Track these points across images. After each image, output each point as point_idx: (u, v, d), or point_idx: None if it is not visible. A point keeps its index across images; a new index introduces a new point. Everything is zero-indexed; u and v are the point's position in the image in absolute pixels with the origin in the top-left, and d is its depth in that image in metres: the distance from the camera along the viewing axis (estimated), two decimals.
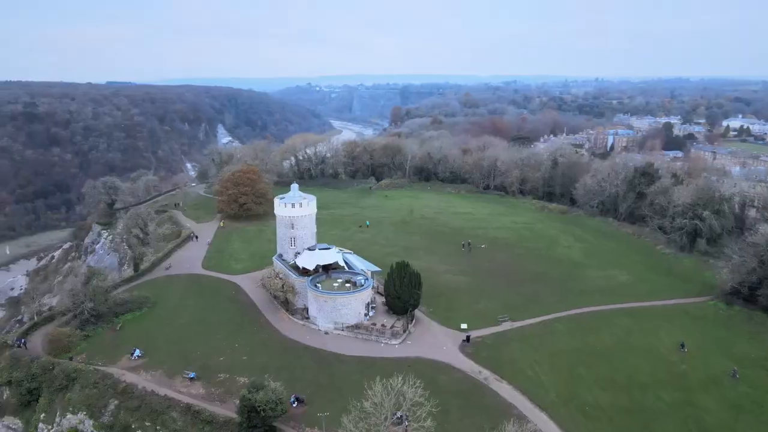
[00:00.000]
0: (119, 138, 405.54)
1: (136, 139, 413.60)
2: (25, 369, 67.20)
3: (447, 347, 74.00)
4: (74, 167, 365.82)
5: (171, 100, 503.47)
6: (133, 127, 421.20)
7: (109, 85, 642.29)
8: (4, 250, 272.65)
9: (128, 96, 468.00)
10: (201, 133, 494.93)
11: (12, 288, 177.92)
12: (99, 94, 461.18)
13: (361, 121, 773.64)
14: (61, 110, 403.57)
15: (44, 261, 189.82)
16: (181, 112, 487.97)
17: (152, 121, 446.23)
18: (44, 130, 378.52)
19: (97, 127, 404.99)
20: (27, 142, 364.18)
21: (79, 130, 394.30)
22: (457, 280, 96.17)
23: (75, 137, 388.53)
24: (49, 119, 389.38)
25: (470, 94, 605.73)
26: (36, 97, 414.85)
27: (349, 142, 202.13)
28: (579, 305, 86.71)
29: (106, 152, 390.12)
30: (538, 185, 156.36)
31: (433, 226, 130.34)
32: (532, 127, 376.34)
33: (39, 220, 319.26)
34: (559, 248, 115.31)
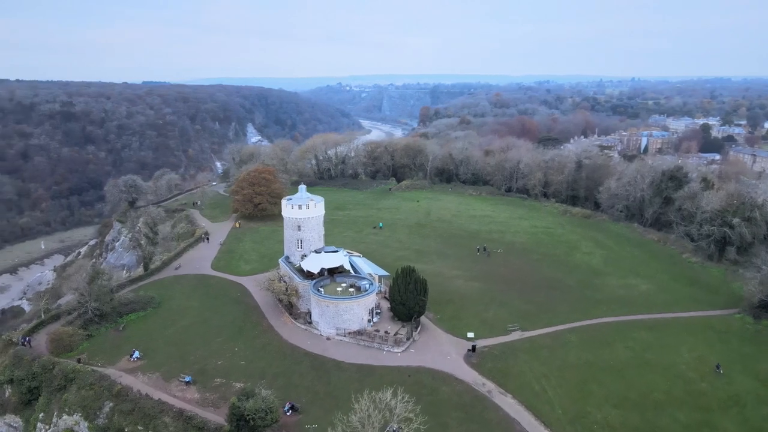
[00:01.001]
0: (151, 136, 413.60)
1: (168, 138, 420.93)
2: (27, 368, 67.52)
3: (451, 357, 71.39)
4: (108, 165, 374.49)
5: (203, 99, 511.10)
6: (164, 126, 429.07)
7: (145, 84, 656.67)
8: (40, 245, 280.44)
9: (161, 95, 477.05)
10: (231, 132, 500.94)
11: (40, 283, 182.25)
12: (133, 94, 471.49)
13: (391, 120, 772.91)
14: (96, 109, 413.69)
15: (71, 257, 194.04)
16: (212, 112, 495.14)
17: (184, 120, 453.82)
18: (80, 128, 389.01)
19: (130, 125, 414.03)
20: (63, 140, 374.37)
21: (113, 128, 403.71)
22: (468, 286, 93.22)
23: (109, 135, 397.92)
24: (85, 118, 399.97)
25: (501, 94, 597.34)
26: (73, 96, 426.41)
27: (369, 142, 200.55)
28: (594, 316, 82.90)
29: (139, 150, 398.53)
30: (562, 188, 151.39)
31: (449, 229, 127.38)
32: (562, 127, 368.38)
33: (73, 216, 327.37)
34: (578, 254, 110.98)
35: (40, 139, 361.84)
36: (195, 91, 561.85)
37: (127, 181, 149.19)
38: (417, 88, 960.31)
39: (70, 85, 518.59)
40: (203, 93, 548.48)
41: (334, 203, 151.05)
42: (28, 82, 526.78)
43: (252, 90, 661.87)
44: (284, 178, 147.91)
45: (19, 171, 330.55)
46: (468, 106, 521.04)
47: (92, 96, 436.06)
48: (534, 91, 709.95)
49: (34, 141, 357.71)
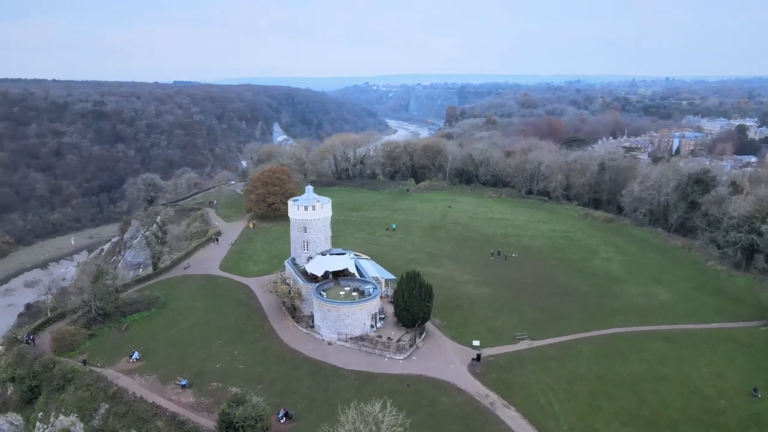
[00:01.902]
0: (179, 135, 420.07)
1: (195, 137, 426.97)
2: (28, 366, 67.82)
3: (455, 365, 68.97)
4: (137, 163, 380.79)
5: (230, 99, 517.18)
6: (192, 125, 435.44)
7: (175, 84, 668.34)
8: (70, 240, 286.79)
9: (190, 95, 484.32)
10: (257, 131, 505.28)
11: (63, 279, 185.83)
12: (163, 93, 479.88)
13: (417, 120, 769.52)
14: (127, 108, 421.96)
15: (94, 253, 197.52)
16: (239, 111, 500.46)
17: (211, 120, 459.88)
18: (111, 127, 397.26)
19: (159, 124, 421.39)
20: (95, 138, 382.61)
21: (143, 127, 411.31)
22: (478, 291, 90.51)
23: (138, 134, 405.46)
24: (115, 117, 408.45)
25: (529, 94, 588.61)
26: (105, 96, 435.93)
27: (388, 143, 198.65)
28: (609, 325, 79.37)
29: (167, 149, 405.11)
30: (584, 191, 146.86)
31: (465, 232, 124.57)
32: (590, 128, 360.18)
33: (102, 213, 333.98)
34: (597, 260, 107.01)
35: (72, 137, 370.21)
36: (223, 90, 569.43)
37: (146, 180, 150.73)
38: (444, 87, 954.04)
39: (103, 84, 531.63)
40: (231, 92, 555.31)
41: (349, 204, 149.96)
42: (64, 82, 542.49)
43: (279, 89, 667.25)
44: (299, 177, 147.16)
45: (51, 168, 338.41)
46: (495, 106, 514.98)
47: (123, 95, 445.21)
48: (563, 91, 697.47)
49: (66, 139, 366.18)
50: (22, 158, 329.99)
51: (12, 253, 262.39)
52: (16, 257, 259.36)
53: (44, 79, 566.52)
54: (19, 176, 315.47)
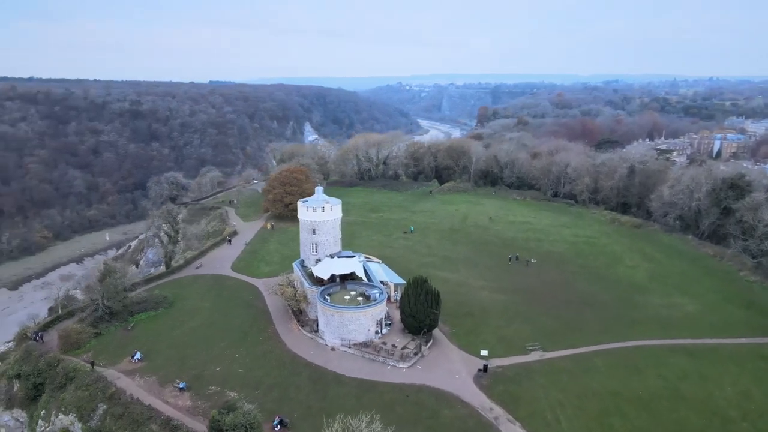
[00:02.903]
0: (211, 134, 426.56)
1: (227, 136, 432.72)
2: (33, 363, 68.45)
3: (460, 376, 66.32)
4: (170, 161, 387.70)
5: (262, 98, 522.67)
6: (224, 124, 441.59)
7: (210, 84, 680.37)
8: (104, 236, 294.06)
9: (223, 95, 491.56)
10: (288, 130, 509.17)
11: None
12: (197, 93, 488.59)
13: (450, 120, 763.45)
14: (162, 108, 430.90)
15: (121, 250, 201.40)
16: (271, 110, 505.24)
17: (243, 119, 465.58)
18: (146, 126, 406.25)
19: (192, 123, 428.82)
20: (131, 136, 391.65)
21: (177, 126, 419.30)
22: (492, 298, 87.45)
23: (172, 133, 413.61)
24: (151, 116, 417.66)
25: (563, 94, 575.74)
26: (142, 95, 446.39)
27: (412, 143, 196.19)
28: (628, 338, 75.27)
29: (199, 147, 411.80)
30: (612, 195, 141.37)
31: (484, 235, 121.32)
32: (626, 129, 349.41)
33: (136, 210, 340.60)
34: (620, 268, 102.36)
35: (109, 136, 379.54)
36: (255, 90, 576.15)
37: (169, 178, 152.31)
38: (478, 87, 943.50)
39: (141, 84, 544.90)
40: (263, 92, 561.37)
41: (369, 205, 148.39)
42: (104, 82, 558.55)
43: (311, 89, 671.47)
44: (318, 178, 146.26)
45: (89, 166, 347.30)
46: (528, 107, 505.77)
47: (159, 95, 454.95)
48: (600, 91, 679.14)
49: (104, 138, 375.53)
50: (61, 156, 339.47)
51: (50, 248, 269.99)
52: (54, 251, 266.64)
53: (86, 79, 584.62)
54: (58, 173, 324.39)
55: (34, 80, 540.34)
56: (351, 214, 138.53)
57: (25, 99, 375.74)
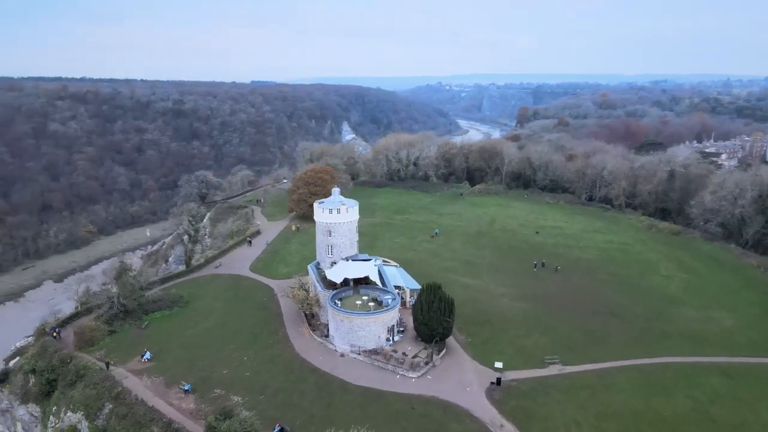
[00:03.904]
0: (250, 133, 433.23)
1: (265, 135, 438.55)
2: (48, 359, 69.23)
3: (472, 389, 63.35)
4: (210, 159, 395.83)
5: (301, 98, 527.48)
6: (263, 123, 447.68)
7: (252, 84, 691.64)
8: (146, 232, 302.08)
9: (263, 94, 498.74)
10: (326, 130, 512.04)
11: None
12: (238, 93, 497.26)
13: (490, 121, 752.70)
14: (203, 107, 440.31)
15: (156, 246, 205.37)
16: (309, 110, 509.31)
17: (281, 118, 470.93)
18: (188, 124, 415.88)
19: (232, 122, 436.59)
20: (173, 135, 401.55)
21: (217, 125, 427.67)
22: (512, 306, 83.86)
23: (213, 132, 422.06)
24: (192, 115, 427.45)
25: (607, 94, 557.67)
26: (184, 95, 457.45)
27: (444, 143, 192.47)
28: (656, 353, 70.64)
29: (238, 146, 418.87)
30: (650, 200, 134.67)
31: (511, 240, 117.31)
32: (672, 131, 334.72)
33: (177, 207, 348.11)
34: (654, 277, 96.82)
35: (153, 134, 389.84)
36: (294, 90, 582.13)
37: (199, 177, 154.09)
38: (519, 87, 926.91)
39: (185, 84, 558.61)
40: (302, 92, 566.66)
41: (395, 206, 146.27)
42: (151, 82, 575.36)
43: (350, 89, 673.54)
44: (344, 178, 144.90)
45: (133, 163, 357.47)
46: (569, 107, 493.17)
47: (201, 95, 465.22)
48: (647, 91, 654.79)
49: (147, 136, 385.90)
50: (107, 153, 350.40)
51: (94, 242, 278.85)
52: (98, 246, 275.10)
53: (134, 79, 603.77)
54: (104, 170, 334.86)
55: (86, 80, 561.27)
56: (376, 215, 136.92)
57: (75, 98, 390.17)
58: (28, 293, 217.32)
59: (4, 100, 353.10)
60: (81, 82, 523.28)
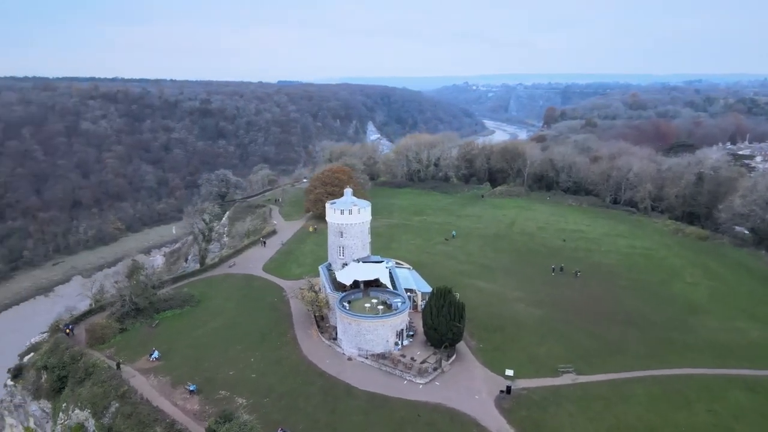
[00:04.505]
0: (275, 133, 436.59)
1: (290, 134, 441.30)
2: (59, 356, 69.83)
3: (480, 396, 61.56)
4: (235, 158, 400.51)
5: (326, 97, 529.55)
6: (288, 123, 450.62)
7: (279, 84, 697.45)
8: (171, 229, 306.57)
9: (288, 94, 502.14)
10: (351, 129, 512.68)
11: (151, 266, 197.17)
12: (264, 92, 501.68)
13: (517, 122, 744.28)
14: (230, 106, 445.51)
15: (178, 244, 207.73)
16: (334, 109, 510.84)
17: (306, 118, 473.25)
18: (214, 124, 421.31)
19: (257, 122, 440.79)
20: (199, 134, 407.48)
21: (243, 124, 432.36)
22: (527, 312, 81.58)
23: (238, 131, 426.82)
24: (219, 114, 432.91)
25: (638, 94, 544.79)
26: (212, 94, 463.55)
27: (465, 144, 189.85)
28: (677, 364, 67.71)
29: (263, 145, 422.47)
30: (677, 203, 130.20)
31: (529, 243, 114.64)
32: (705, 132, 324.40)
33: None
34: (678, 284, 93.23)
35: (180, 133, 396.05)
36: (320, 89, 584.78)
37: (219, 176, 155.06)
38: (547, 87, 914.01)
39: (212, 84, 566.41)
40: (327, 91, 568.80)
41: (413, 207, 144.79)
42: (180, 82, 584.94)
43: (376, 89, 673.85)
44: (362, 178, 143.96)
45: (160, 162, 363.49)
46: (598, 107, 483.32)
47: (227, 94, 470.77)
48: (679, 91, 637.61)
49: (175, 135, 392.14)
50: (136, 152, 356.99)
51: (122, 239, 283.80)
52: (125, 242, 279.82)
53: (163, 79, 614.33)
54: (132, 168, 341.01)
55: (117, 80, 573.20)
56: (394, 216, 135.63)
57: (106, 98, 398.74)
58: (58, 288, 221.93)
59: (39, 99, 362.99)
60: (113, 82, 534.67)
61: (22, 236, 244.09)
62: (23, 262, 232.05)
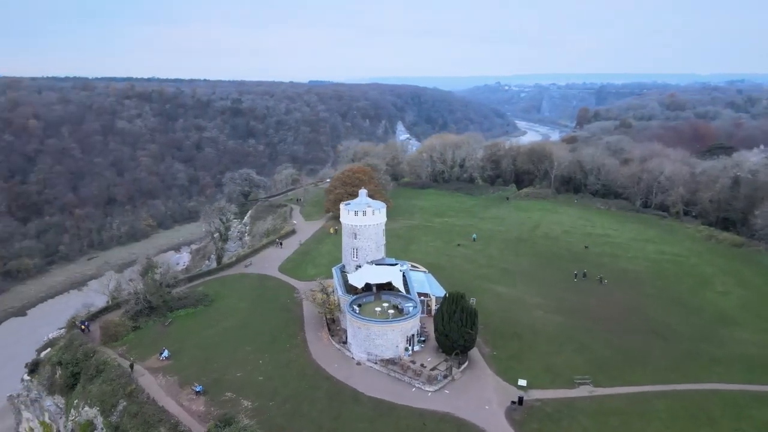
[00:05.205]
0: (304, 132, 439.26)
1: (319, 134, 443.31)
2: (73, 352, 70.61)
3: (491, 407, 59.44)
4: (264, 157, 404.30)
5: (356, 97, 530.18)
6: (317, 122, 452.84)
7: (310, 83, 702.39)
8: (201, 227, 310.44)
9: (318, 94, 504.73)
10: (380, 129, 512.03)
11: (177, 263, 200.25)
12: (294, 92, 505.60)
13: (549, 122, 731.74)
14: (260, 106, 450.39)
15: (205, 241, 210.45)
16: (363, 109, 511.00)
17: (335, 117, 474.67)
18: (244, 123, 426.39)
19: (287, 121, 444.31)
20: (230, 133, 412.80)
21: (273, 124, 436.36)
22: (546, 319, 78.85)
23: (268, 130, 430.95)
24: (249, 114, 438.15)
25: (676, 94, 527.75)
26: (243, 94, 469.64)
27: (491, 144, 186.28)
28: (702, 379, 64.22)
29: (292, 145, 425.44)
30: (711, 208, 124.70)
31: (553, 247, 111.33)
32: (746, 134, 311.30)
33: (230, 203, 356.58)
34: (708, 293, 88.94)
35: (211, 132, 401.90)
36: (350, 89, 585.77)
37: (243, 174, 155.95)
38: (582, 88, 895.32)
39: (244, 84, 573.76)
40: (357, 91, 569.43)
41: (435, 209, 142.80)
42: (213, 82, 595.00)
43: (406, 89, 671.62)
44: (384, 178, 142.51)
45: (192, 160, 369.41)
46: (633, 108, 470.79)
47: (258, 94, 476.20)
48: (721, 91, 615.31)
49: (206, 134, 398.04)
50: (168, 150, 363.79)
51: (153, 235, 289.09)
52: (156, 239, 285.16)
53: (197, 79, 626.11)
54: (164, 166, 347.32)
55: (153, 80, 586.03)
56: (414, 217, 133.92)
57: (141, 97, 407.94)
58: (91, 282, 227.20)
59: (78, 99, 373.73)
60: (149, 81, 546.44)
61: (58, 231, 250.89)
62: (59, 257, 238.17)
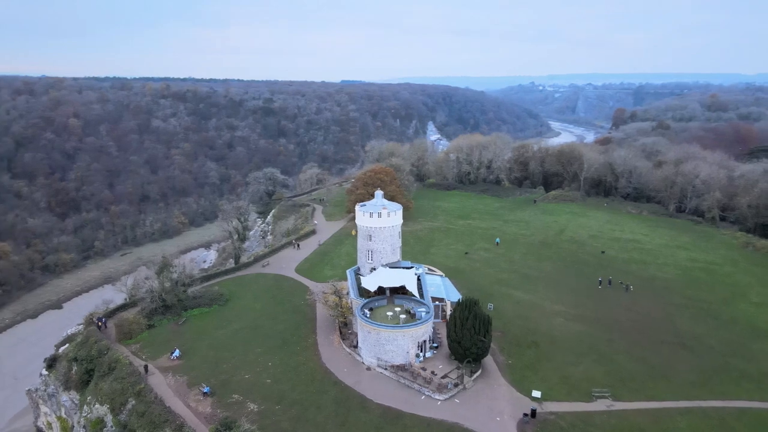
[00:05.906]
0: (335, 132, 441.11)
1: (349, 133, 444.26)
2: (88, 349, 71.33)
3: (502, 419, 57.23)
4: (294, 156, 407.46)
5: (386, 97, 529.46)
6: (347, 122, 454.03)
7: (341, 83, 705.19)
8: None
9: (349, 93, 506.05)
10: (411, 129, 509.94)
11: (204, 261, 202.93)
12: (325, 92, 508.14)
13: (584, 123, 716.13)
14: (291, 105, 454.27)
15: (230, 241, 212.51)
16: (394, 109, 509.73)
17: (365, 117, 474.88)
18: (276, 122, 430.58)
19: (317, 121, 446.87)
20: (262, 132, 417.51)
21: (303, 123, 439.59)
22: (566, 327, 75.91)
23: (299, 130, 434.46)
24: (281, 113, 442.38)
25: (718, 95, 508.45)
26: (275, 94, 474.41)
27: (519, 146, 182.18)
28: (730, 395, 60.57)
29: (322, 144, 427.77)
30: (749, 213, 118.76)
31: (578, 252, 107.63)
32: None
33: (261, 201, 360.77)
34: (742, 304, 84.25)
35: (243, 131, 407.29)
36: (381, 89, 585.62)
37: (267, 174, 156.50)
38: (619, 88, 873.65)
39: (277, 84, 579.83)
40: (388, 91, 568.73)
41: (459, 211, 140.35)
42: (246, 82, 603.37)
43: (437, 89, 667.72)
44: (407, 179, 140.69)
45: (223, 159, 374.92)
46: (672, 109, 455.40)
47: (290, 93, 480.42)
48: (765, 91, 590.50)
49: (238, 133, 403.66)
50: (201, 149, 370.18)
51: (185, 232, 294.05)
52: (188, 236, 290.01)
53: (231, 79, 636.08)
54: (197, 165, 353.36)
55: (188, 80, 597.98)
56: (437, 219, 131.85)
57: (176, 97, 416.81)
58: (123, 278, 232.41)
59: (115, 98, 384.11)
60: (184, 81, 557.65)
61: (94, 228, 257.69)
62: (94, 252, 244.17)
